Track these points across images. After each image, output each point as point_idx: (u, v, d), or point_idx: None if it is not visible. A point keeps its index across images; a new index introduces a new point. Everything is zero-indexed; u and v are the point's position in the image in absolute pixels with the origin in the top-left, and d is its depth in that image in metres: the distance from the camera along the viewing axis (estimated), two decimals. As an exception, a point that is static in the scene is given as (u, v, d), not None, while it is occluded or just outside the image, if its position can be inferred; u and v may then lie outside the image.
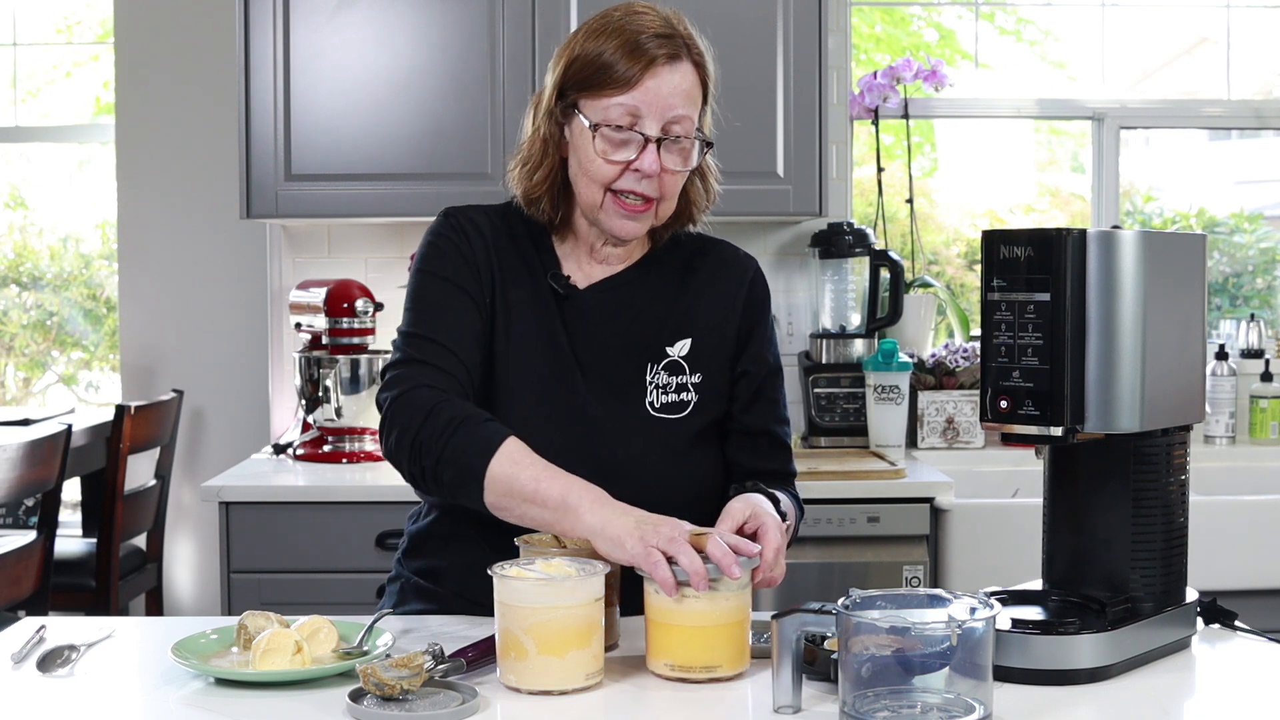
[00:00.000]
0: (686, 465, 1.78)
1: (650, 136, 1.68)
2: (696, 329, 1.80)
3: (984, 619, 1.28)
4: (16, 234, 4.91)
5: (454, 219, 1.81)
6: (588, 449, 1.72)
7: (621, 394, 1.76)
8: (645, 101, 1.67)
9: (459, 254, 1.77)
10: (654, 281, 1.81)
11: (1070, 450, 1.57)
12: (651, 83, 1.67)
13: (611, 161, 1.69)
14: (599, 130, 1.68)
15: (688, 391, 1.78)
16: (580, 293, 1.79)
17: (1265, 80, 4.02)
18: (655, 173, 1.69)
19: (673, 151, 1.70)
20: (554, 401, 1.74)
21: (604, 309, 1.78)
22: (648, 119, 1.68)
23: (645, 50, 1.67)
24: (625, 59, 1.67)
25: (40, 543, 3.05)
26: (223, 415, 3.84)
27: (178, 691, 1.45)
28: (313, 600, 2.65)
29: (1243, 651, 1.61)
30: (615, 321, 1.78)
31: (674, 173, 1.72)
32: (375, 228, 3.50)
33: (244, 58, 3.14)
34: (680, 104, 1.69)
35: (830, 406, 3.36)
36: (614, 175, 1.70)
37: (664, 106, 1.68)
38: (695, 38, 1.74)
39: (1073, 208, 4.22)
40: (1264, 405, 3.54)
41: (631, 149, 1.68)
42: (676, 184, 1.74)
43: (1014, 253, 1.48)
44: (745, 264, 1.88)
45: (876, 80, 3.57)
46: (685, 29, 1.73)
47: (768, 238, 3.56)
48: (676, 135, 1.70)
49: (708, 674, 1.47)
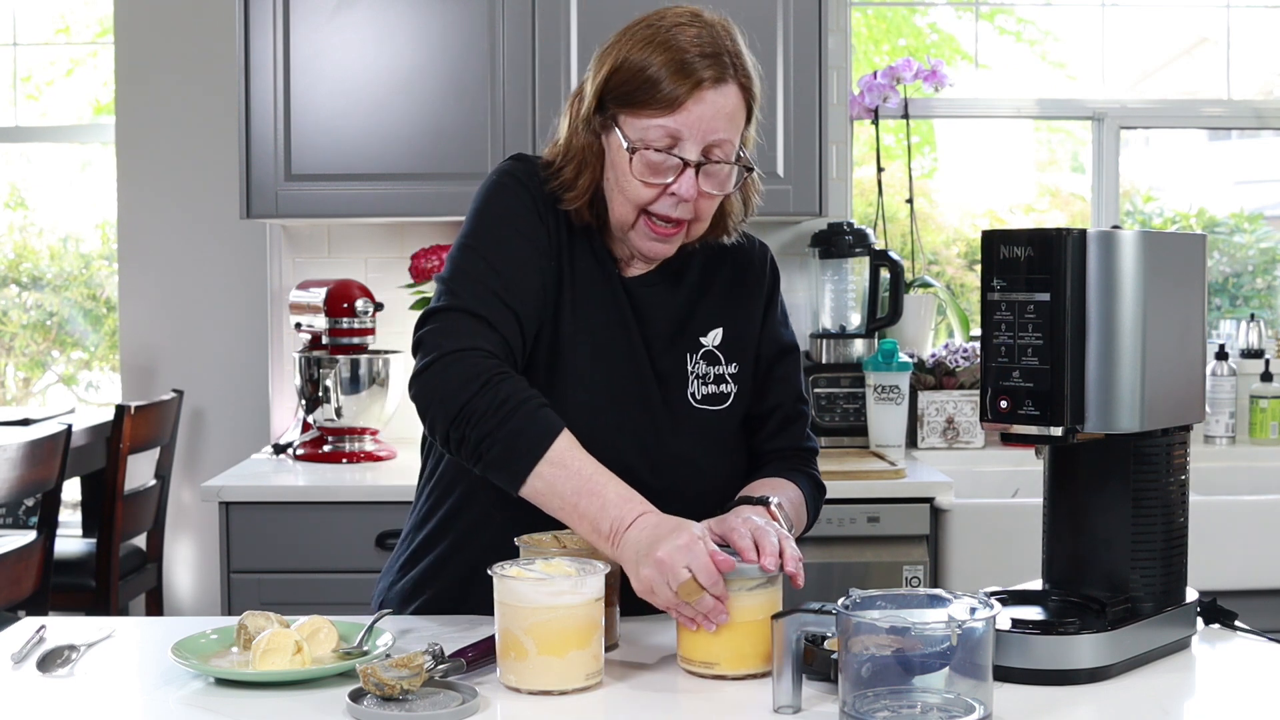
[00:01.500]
0: (731, 456, 1.78)
1: (690, 161, 1.62)
2: (726, 319, 1.79)
3: (984, 619, 1.28)
4: (16, 234, 4.91)
5: (528, 164, 1.72)
6: (644, 441, 1.71)
7: (666, 385, 1.74)
8: (687, 125, 1.61)
9: (534, 205, 1.69)
10: (685, 275, 1.79)
11: (1070, 450, 1.57)
12: (695, 107, 1.61)
13: (648, 184, 1.63)
14: (637, 152, 1.62)
15: (726, 383, 1.77)
16: (630, 285, 1.75)
17: (1265, 80, 4.02)
18: (692, 198, 1.64)
19: (710, 175, 1.65)
20: (620, 388, 1.71)
21: (646, 300, 1.75)
22: (688, 142, 1.62)
23: (691, 71, 1.60)
24: (670, 79, 1.60)
25: (40, 543, 3.05)
26: (223, 415, 3.84)
27: (178, 691, 1.45)
28: (313, 600, 2.65)
29: (1243, 651, 1.61)
30: (657, 313, 1.75)
31: (711, 197, 1.67)
32: (375, 228, 3.50)
33: (244, 58, 3.14)
34: (723, 127, 1.63)
35: (830, 406, 3.36)
36: (650, 198, 1.64)
37: (706, 130, 1.62)
38: (743, 55, 1.66)
39: (1073, 208, 4.22)
40: (1264, 405, 3.54)
41: (669, 173, 1.63)
42: (712, 207, 1.69)
43: (1014, 253, 1.48)
44: (762, 251, 1.87)
45: (876, 80, 3.57)
46: (733, 44, 1.65)
47: (768, 238, 3.52)
48: (717, 159, 1.64)
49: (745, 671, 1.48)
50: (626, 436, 1.70)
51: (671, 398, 1.74)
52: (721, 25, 1.66)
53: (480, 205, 1.70)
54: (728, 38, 1.65)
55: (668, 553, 1.45)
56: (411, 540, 1.84)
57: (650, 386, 1.73)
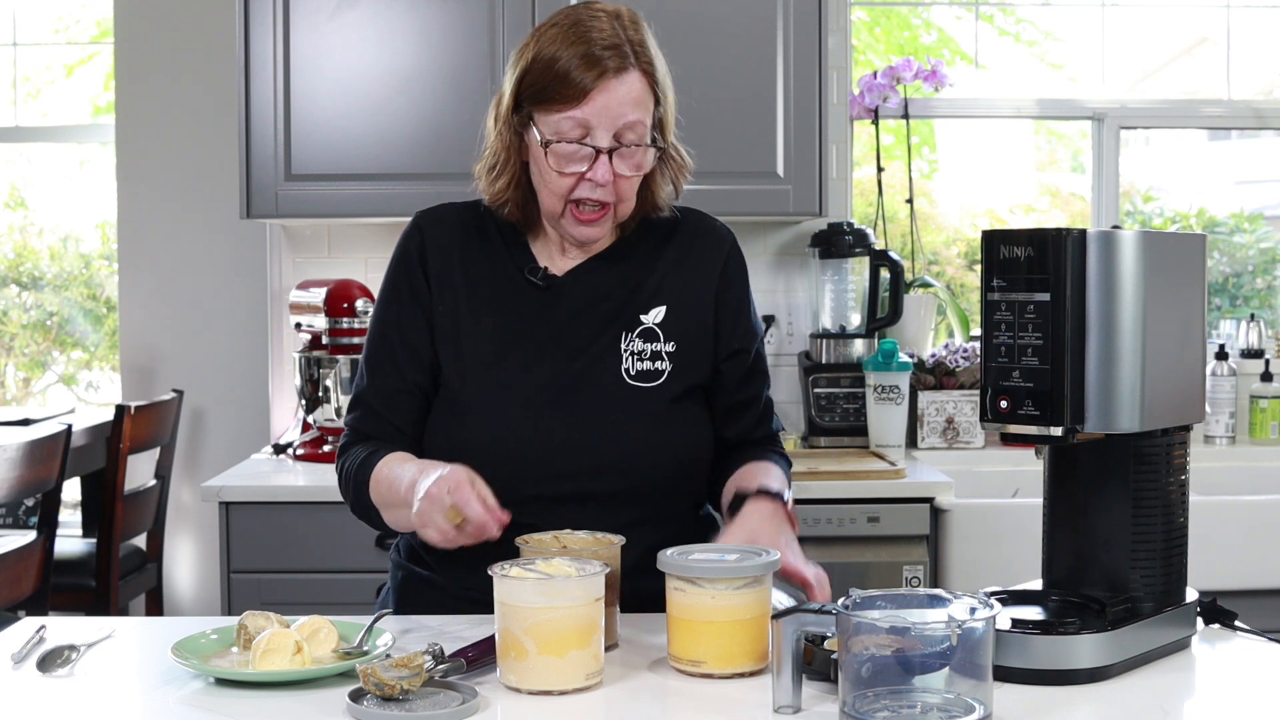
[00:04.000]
0: (668, 430, 1.80)
1: (602, 148, 1.71)
2: (671, 297, 1.84)
3: (984, 619, 1.28)
4: (16, 234, 4.91)
5: (417, 230, 1.87)
6: (570, 426, 1.77)
7: (599, 366, 1.79)
8: (595, 114, 1.70)
9: (408, 283, 1.84)
10: (630, 258, 1.86)
11: (1070, 450, 1.57)
12: (600, 97, 1.70)
13: (565, 174, 1.73)
14: (550, 146, 1.72)
15: (662, 360, 1.81)
16: (559, 280, 1.83)
17: (1265, 80, 4.02)
18: (608, 182, 1.73)
19: (625, 158, 1.74)
20: (528, 387, 1.78)
21: (582, 289, 1.82)
22: (599, 130, 1.71)
23: (594, 64, 1.69)
24: (575, 72, 1.69)
25: (40, 543, 3.05)
26: (223, 415, 3.84)
27: (178, 691, 1.45)
28: (313, 600, 2.65)
29: (1243, 651, 1.61)
30: (593, 299, 1.82)
31: (627, 178, 1.75)
32: (375, 228, 3.50)
33: (244, 58, 3.14)
34: (630, 111, 1.72)
35: (830, 406, 3.36)
36: (569, 187, 1.74)
37: (614, 117, 1.71)
38: (645, 43, 1.75)
39: (1073, 208, 4.22)
40: (1264, 405, 3.54)
41: (584, 161, 1.72)
42: (632, 187, 1.78)
43: (1014, 253, 1.48)
44: (723, 236, 1.91)
45: (876, 80, 3.57)
46: (636, 34, 1.74)
47: (768, 238, 3.56)
48: (630, 142, 1.73)
49: (732, 670, 1.48)
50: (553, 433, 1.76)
51: (605, 377, 1.79)
52: (625, 16, 1.76)
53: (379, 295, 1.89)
54: (631, 29, 1.74)
55: (433, 487, 1.58)
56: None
57: (573, 371, 1.79)
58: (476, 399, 1.78)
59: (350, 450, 1.84)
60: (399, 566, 1.90)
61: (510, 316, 1.81)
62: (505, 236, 1.86)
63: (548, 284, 1.82)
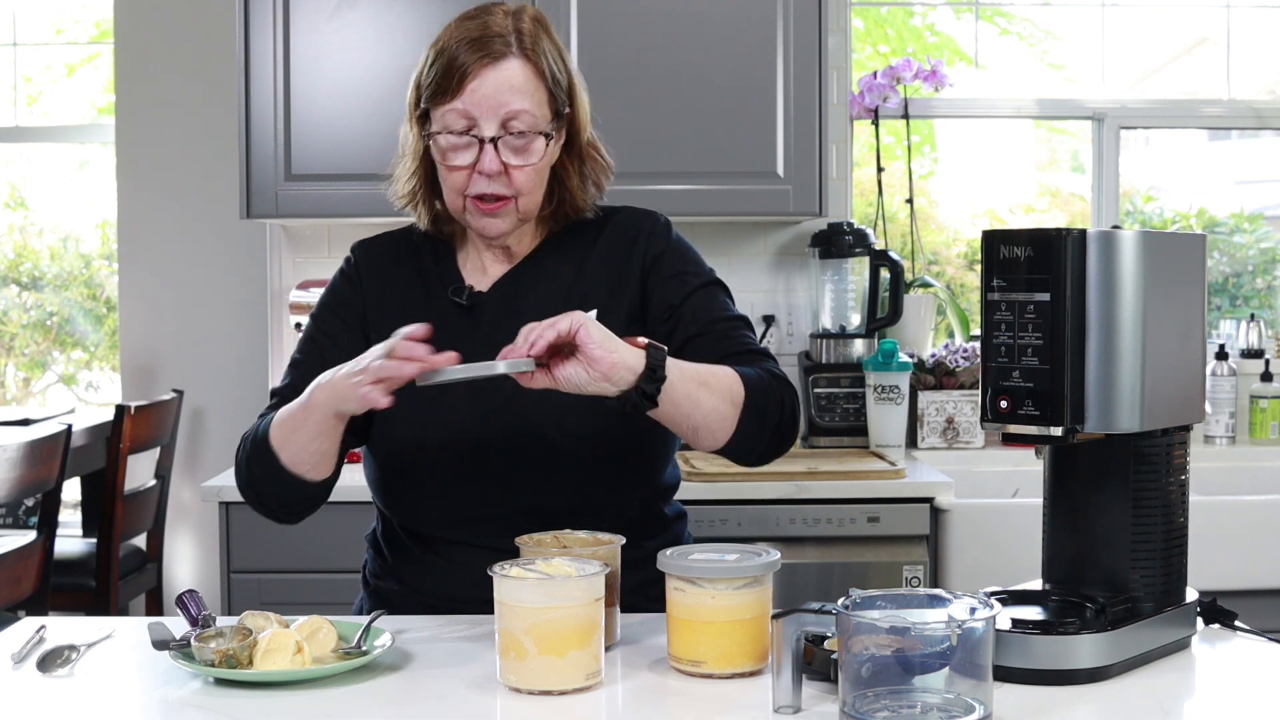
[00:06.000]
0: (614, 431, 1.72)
1: (484, 137, 1.70)
2: (600, 299, 1.78)
3: (984, 619, 1.28)
4: (16, 234, 4.92)
5: (353, 257, 1.92)
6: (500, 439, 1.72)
7: None
8: (474, 104, 1.69)
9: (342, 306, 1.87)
10: (556, 263, 1.82)
11: (1070, 450, 1.57)
12: (474, 84, 1.69)
13: (455, 167, 1.72)
14: (435, 138, 1.72)
15: None
16: (484, 296, 1.81)
17: (1265, 80, 4.02)
18: (496, 172, 1.70)
19: (514, 148, 1.71)
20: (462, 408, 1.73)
21: (509, 303, 1.79)
22: (483, 121, 1.70)
23: (465, 55, 1.69)
24: (450, 64, 1.70)
25: (40, 543, 3.05)
26: (223, 415, 3.84)
27: (178, 691, 1.45)
28: (313, 600, 2.64)
29: (1243, 651, 1.61)
30: (521, 311, 1.73)
31: (519, 168, 1.72)
32: (375, 228, 3.47)
33: (244, 58, 3.14)
34: (512, 99, 1.70)
35: (830, 406, 3.36)
36: (464, 181, 1.72)
37: (495, 105, 1.69)
38: (533, 34, 1.73)
39: (1073, 208, 4.22)
40: (1264, 405, 3.54)
41: (471, 152, 1.71)
42: (529, 178, 1.73)
43: (1014, 253, 1.48)
44: (641, 221, 1.84)
45: (876, 80, 3.57)
46: (526, 26, 1.73)
47: (768, 238, 3.56)
48: (516, 130, 1.70)
49: (731, 670, 1.48)
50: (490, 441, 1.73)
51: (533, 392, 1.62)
52: (526, 12, 1.76)
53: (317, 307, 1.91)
54: (526, 23, 1.73)
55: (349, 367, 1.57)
56: None
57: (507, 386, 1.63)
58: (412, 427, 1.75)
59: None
60: (367, 583, 1.89)
61: (440, 339, 1.70)
62: (435, 256, 1.85)
63: (472, 302, 1.80)
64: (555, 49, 1.76)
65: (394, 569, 1.84)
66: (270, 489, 1.73)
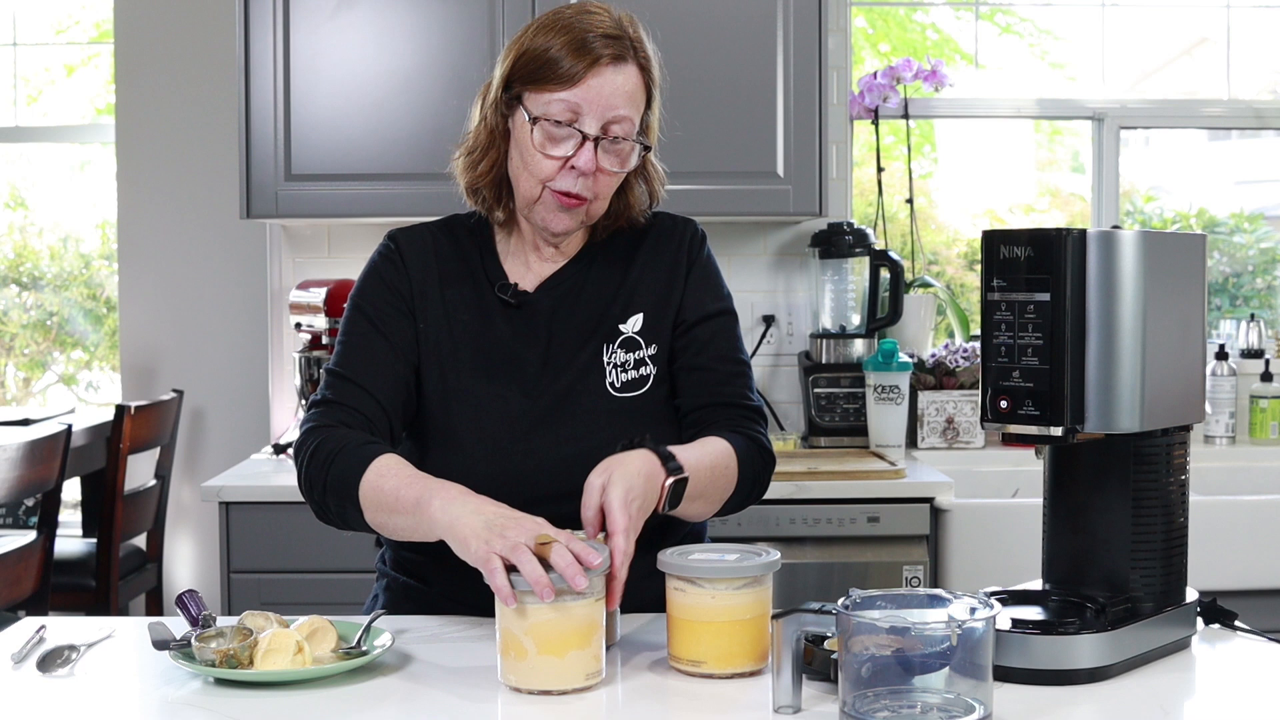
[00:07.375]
0: (660, 432, 1.74)
1: (588, 134, 1.68)
2: (646, 303, 1.80)
3: (984, 619, 1.28)
4: (16, 234, 4.92)
5: (393, 244, 1.84)
6: (553, 445, 1.73)
7: (582, 381, 1.76)
8: (586, 99, 1.68)
9: (390, 290, 1.79)
10: (601, 266, 1.82)
11: (1070, 450, 1.57)
12: (594, 81, 1.67)
13: (549, 156, 1.69)
14: (538, 123, 1.69)
15: (645, 365, 1.78)
16: (530, 296, 1.80)
17: (1265, 80, 4.02)
18: (591, 170, 1.69)
19: (610, 152, 1.71)
20: (509, 405, 1.75)
21: (556, 305, 1.80)
22: (588, 117, 1.68)
23: (591, 49, 1.67)
24: (570, 56, 1.67)
25: (40, 543, 3.05)
26: (223, 415, 3.84)
27: (178, 691, 1.45)
28: (313, 600, 2.65)
29: (1243, 651, 1.61)
30: (568, 313, 1.79)
31: (609, 173, 1.72)
32: (375, 228, 3.50)
33: (244, 58, 3.14)
34: (622, 104, 1.69)
35: (830, 406, 3.36)
36: (552, 171, 1.70)
37: (605, 106, 1.68)
38: (645, 42, 1.74)
39: (1073, 208, 4.22)
40: (1264, 405, 3.54)
41: (569, 145, 1.69)
42: (610, 185, 1.74)
43: (1014, 253, 1.48)
44: (683, 229, 1.87)
45: (876, 80, 3.57)
46: (635, 32, 1.73)
47: (768, 238, 3.56)
48: (616, 136, 1.70)
49: (732, 670, 1.48)
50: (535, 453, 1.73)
51: (590, 393, 1.75)
52: (627, 15, 1.75)
53: (351, 299, 1.81)
54: (631, 25, 1.73)
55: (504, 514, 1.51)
56: None
57: (558, 390, 1.75)
58: (464, 428, 1.75)
59: (321, 432, 1.70)
60: (384, 575, 1.88)
61: (488, 338, 1.77)
62: (479, 250, 1.83)
63: (520, 301, 1.79)
64: (658, 62, 1.76)
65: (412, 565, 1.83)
66: (339, 520, 1.70)
